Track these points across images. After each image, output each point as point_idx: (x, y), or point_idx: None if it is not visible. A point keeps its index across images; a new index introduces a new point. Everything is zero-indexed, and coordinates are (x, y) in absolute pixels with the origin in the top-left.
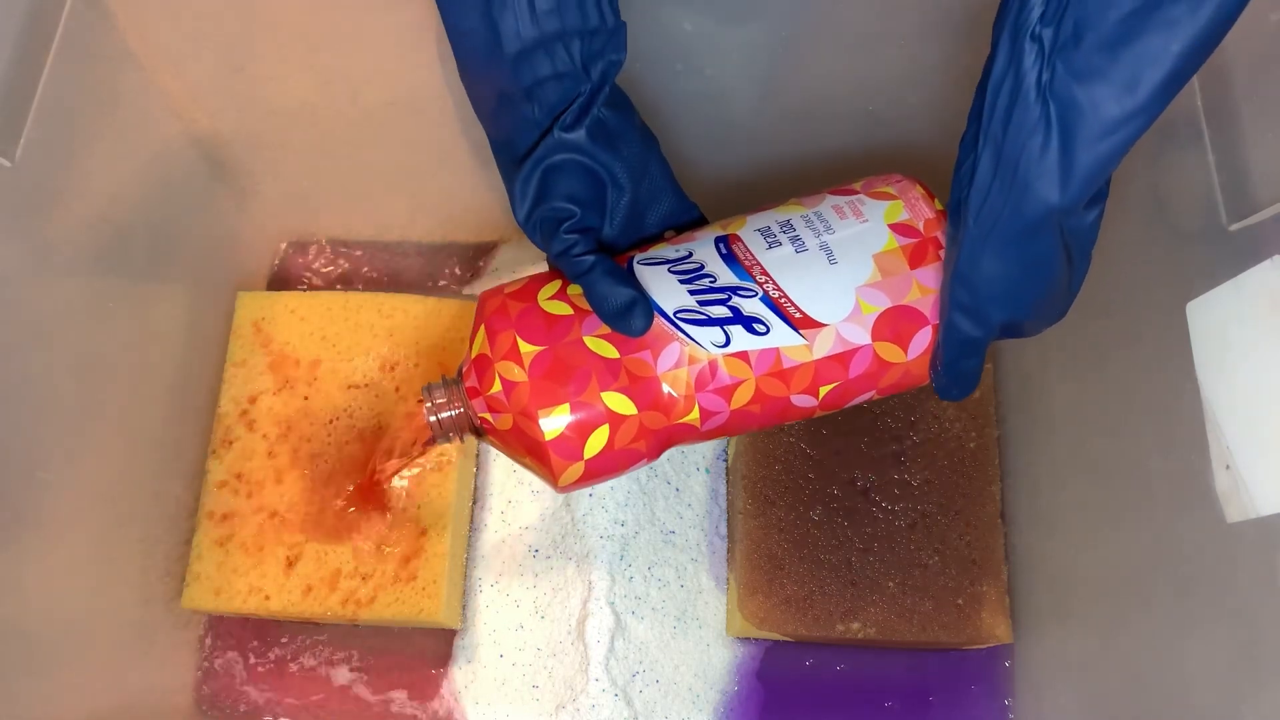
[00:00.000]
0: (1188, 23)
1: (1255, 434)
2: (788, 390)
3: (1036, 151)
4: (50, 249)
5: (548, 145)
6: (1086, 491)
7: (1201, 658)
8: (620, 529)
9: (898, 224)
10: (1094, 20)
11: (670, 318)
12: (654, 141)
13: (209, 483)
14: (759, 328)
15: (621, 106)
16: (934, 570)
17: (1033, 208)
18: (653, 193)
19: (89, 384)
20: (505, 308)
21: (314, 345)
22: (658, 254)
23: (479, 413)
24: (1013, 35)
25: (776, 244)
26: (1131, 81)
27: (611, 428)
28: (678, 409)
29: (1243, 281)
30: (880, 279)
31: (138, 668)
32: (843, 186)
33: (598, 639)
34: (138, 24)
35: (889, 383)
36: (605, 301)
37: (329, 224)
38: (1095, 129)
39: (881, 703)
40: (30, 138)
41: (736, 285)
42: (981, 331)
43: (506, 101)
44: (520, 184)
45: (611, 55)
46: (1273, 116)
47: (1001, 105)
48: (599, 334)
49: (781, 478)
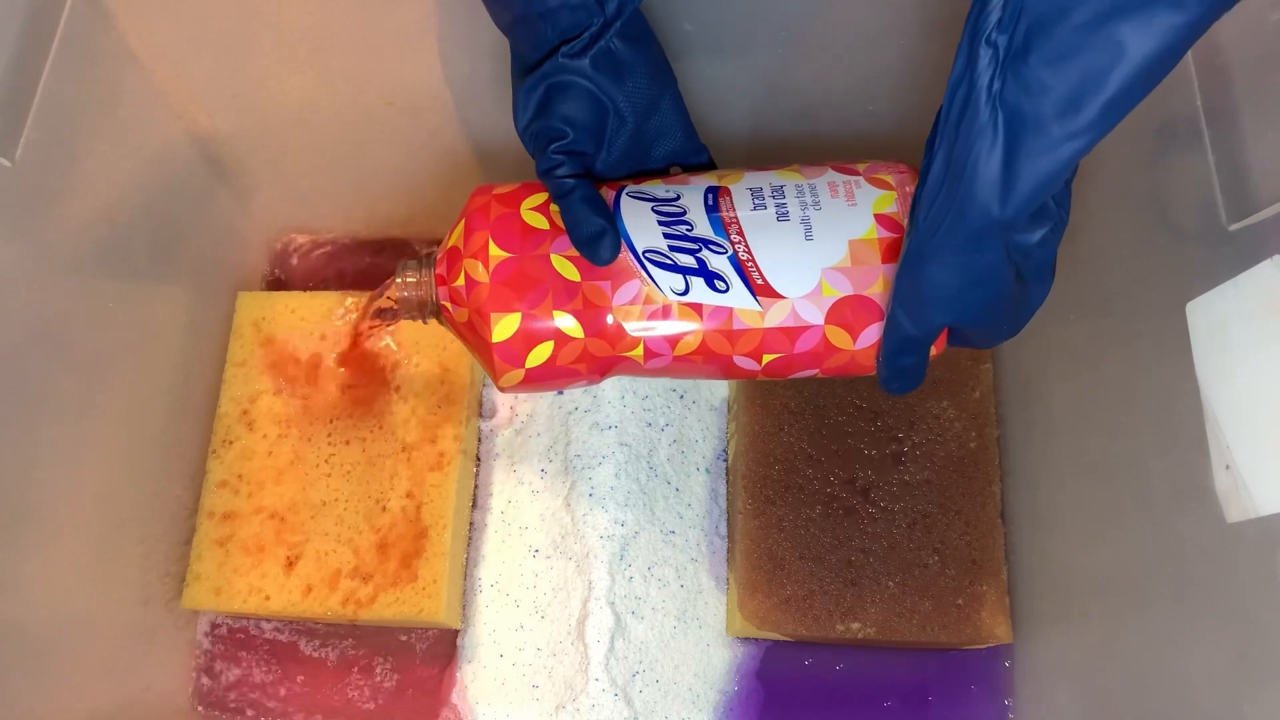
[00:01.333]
0: (1134, 46)
1: (1255, 434)
2: (732, 350)
3: (982, 159)
4: (50, 249)
5: (552, 64)
6: (1086, 491)
7: (1201, 658)
8: (620, 529)
9: (883, 215)
10: (1043, 32)
11: (638, 255)
12: (670, 79)
13: (209, 483)
14: (719, 284)
15: (638, 39)
16: (934, 570)
17: (975, 216)
18: (660, 129)
19: (89, 384)
20: (487, 207)
21: (314, 345)
22: (648, 190)
23: (441, 300)
24: (971, 38)
25: (761, 207)
26: (1074, 100)
27: (556, 345)
28: (624, 342)
29: (1243, 281)
30: (849, 265)
31: (137, 668)
32: (847, 164)
33: (598, 639)
34: (138, 24)
35: (833, 365)
36: (577, 226)
37: (329, 224)
38: (1038, 144)
39: (881, 703)
40: (30, 138)
41: (710, 239)
42: (920, 331)
43: (519, 20)
44: (523, 95)
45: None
46: (1273, 116)
47: (957, 107)
48: (566, 254)
49: (781, 478)
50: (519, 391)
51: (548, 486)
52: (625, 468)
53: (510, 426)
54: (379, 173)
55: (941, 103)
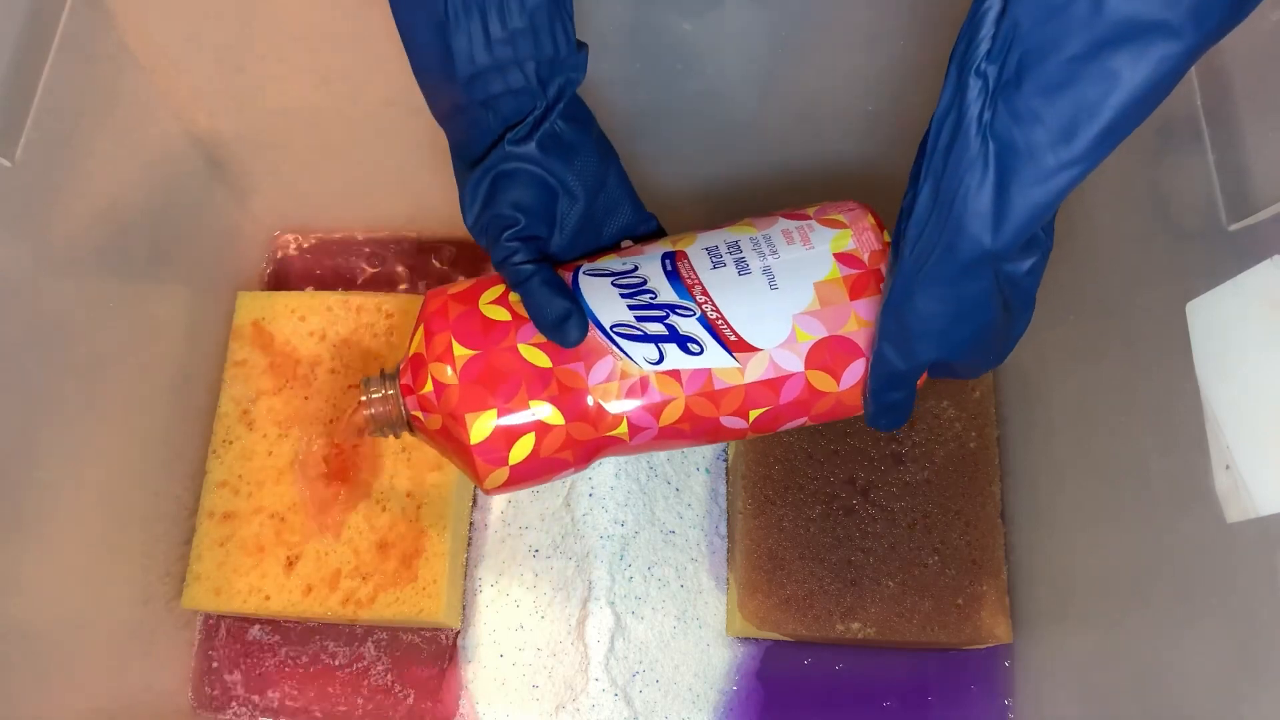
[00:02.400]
0: (1128, 76)
1: (1255, 434)
2: (717, 411)
3: (973, 190)
4: (50, 249)
5: (499, 154)
6: (1086, 491)
7: (1201, 658)
8: (620, 529)
9: (843, 253)
10: (1036, 62)
11: (606, 331)
12: (612, 154)
13: (209, 483)
14: (693, 347)
15: (579, 119)
16: (934, 570)
17: (965, 248)
18: (609, 204)
19: (89, 384)
20: (445, 309)
21: (314, 345)
22: (604, 265)
23: (411, 410)
24: (959, 68)
25: (721, 264)
26: (1068, 130)
27: (538, 436)
28: (606, 422)
29: (1243, 281)
30: (819, 308)
31: (137, 667)
32: (796, 210)
33: (598, 639)
34: (138, 24)
35: (820, 411)
36: (541, 311)
37: (329, 223)
38: (1031, 174)
39: (881, 703)
40: (30, 138)
41: (676, 304)
42: (908, 365)
43: (460, 110)
44: (470, 188)
45: (570, 74)
46: (1273, 116)
47: (944, 139)
48: (534, 342)
49: (781, 478)
50: (506, 492)
51: (548, 486)
52: (625, 468)
53: None
54: (379, 173)
55: (926, 133)
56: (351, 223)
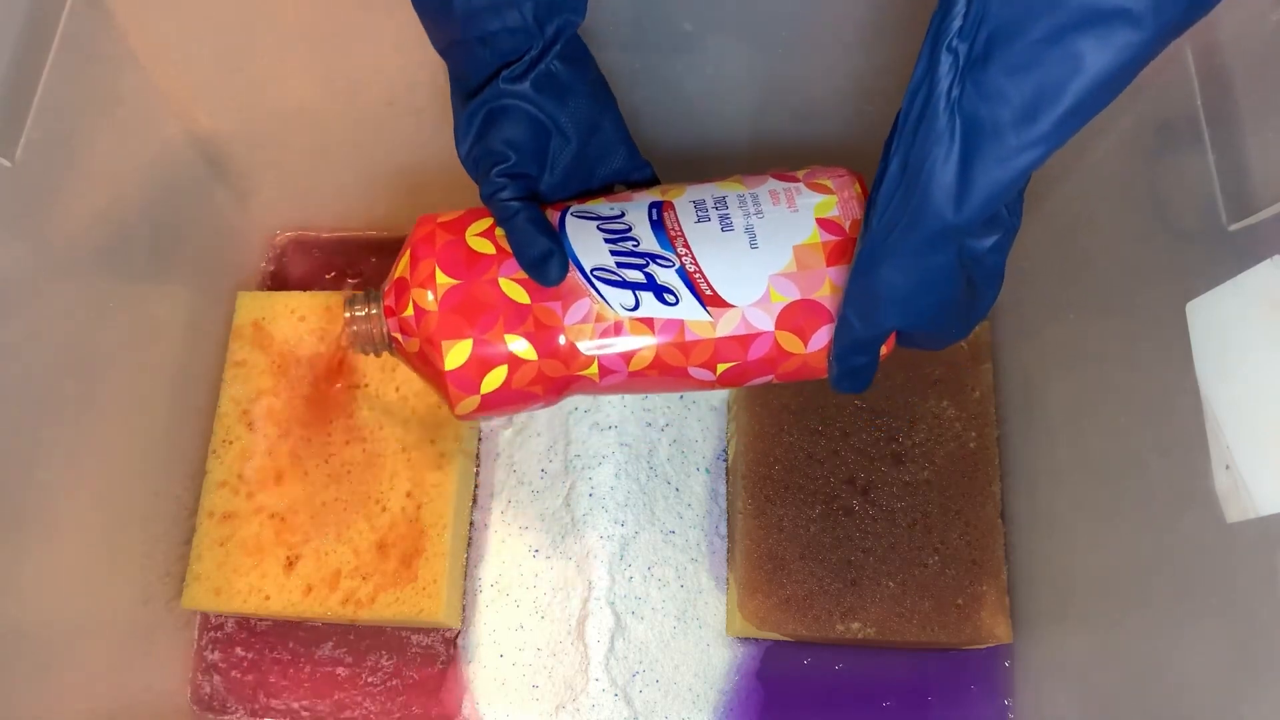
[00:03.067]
0: (1090, 62)
1: (1255, 434)
2: (686, 361)
3: (938, 164)
4: (50, 249)
5: (493, 90)
6: (1086, 491)
7: (1201, 658)
8: (620, 529)
9: (825, 219)
10: (1004, 41)
11: (586, 274)
12: (610, 98)
13: (209, 483)
14: (669, 298)
15: (577, 60)
16: (934, 570)
17: (928, 221)
18: (603, 148)
19: (89, 384)
20: (433, 236)
21: (314, 345)
22: (593, 209)
23: (391, 332)
24: (932, 43)
25: (705, 219)
26: (1031, 111)
27: (510, 369)
28: (578, 361)
29: (1243, 281)
30: (795, 270)
31: (137, 668)
32: (786, 172)
33: (598, 639)
34: (138, 24)
35: (787, 370)
36: (524, 249)
37: (329, 223)
38: (994, 151)
39: (881, 703)
40: (30, 138)
41: (657, 253)
42: (870, 332)
43: (457, 44)
44: (465, 121)
45: (569, 15)
46: (1273, 116)
47: (915, 112)
48: (514, 277)
49: (781, 478)
50: (476, 418)
51: (548, 486)
52: (625, 468)
53: (510, 426)
54: (379, 172)
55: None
56: (351, 222)
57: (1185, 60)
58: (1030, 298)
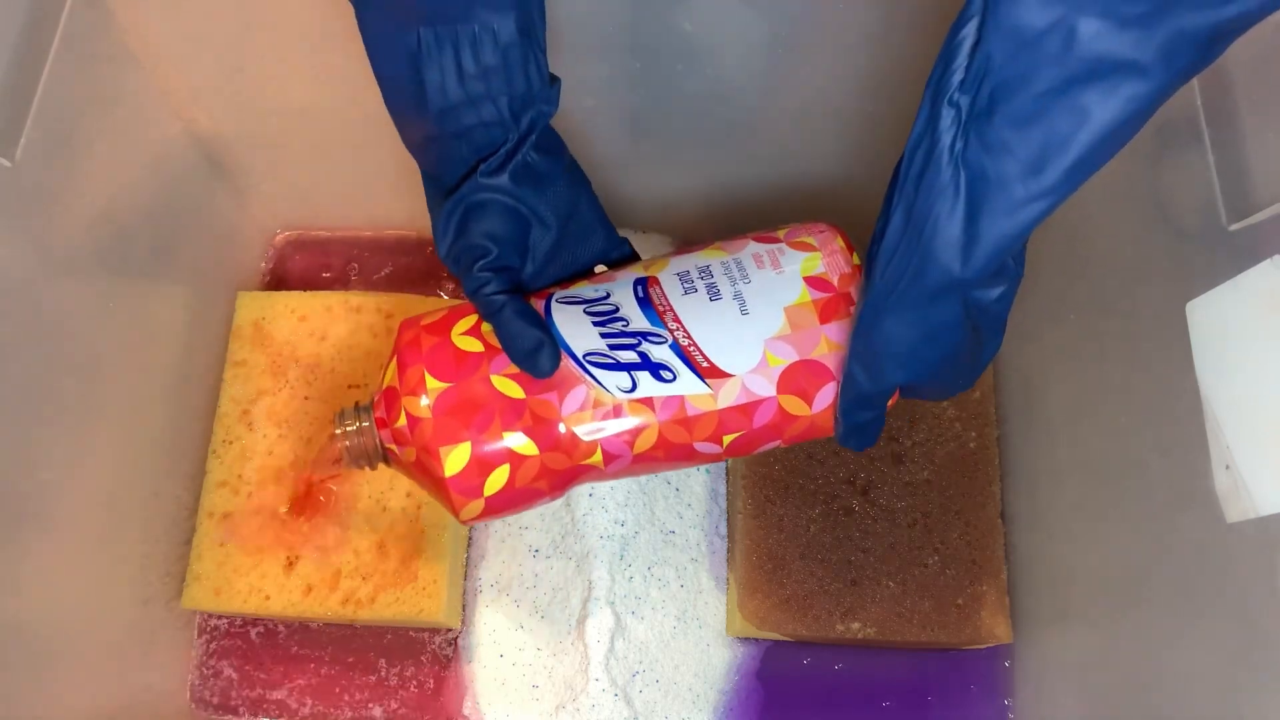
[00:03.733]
0: (1098, 112)
1: (1255, 434)
2: (691, 437)
3: (943, 218)
4: (50, 249)
5: (471, 185)
6: (1086, 491)
7: (1201, 658)
8: (620, 529)
9: (812, 277)
10: (1008, 94)
11: (579, 360)
12: (584, 181)
13: (209, 483)
14: (666, 375)
15: (551, 149)
16: (934, 570)
17: (934, 275)
18: (581, 231)
19: (89, 384)
20: (418, 340)
21: (314, 345)
22: (577, 293)
23: (386, 443)
24: (934, 97)
25: (692, 290)
26: (1038, 163)
27: (512, 467)
28: (580, 450)
29: (1243, 281)
30: (789, 332)
31: (137, 668)
32: (766, 233)
33: (598, 639)
34: (138, 24)
35: (794, 433)
36: (514, 342)
37: (329, 223)
38: (1001, 204)
39: (881, 703)
40: (30, 138)
41: (648, 330)
42: (877, 387)
43: (432, 141)
44: (443, 219)
45: (542, 107)
46: (1273, 116)
47: (917, 166)
48: (506, 373)
49: (781, 478)
50: (481, 521)
51: None
52: None
53: None
54: (379, 172)
55: (900, 159)
56: (351, 223)
57: None
58: (1030, 298)
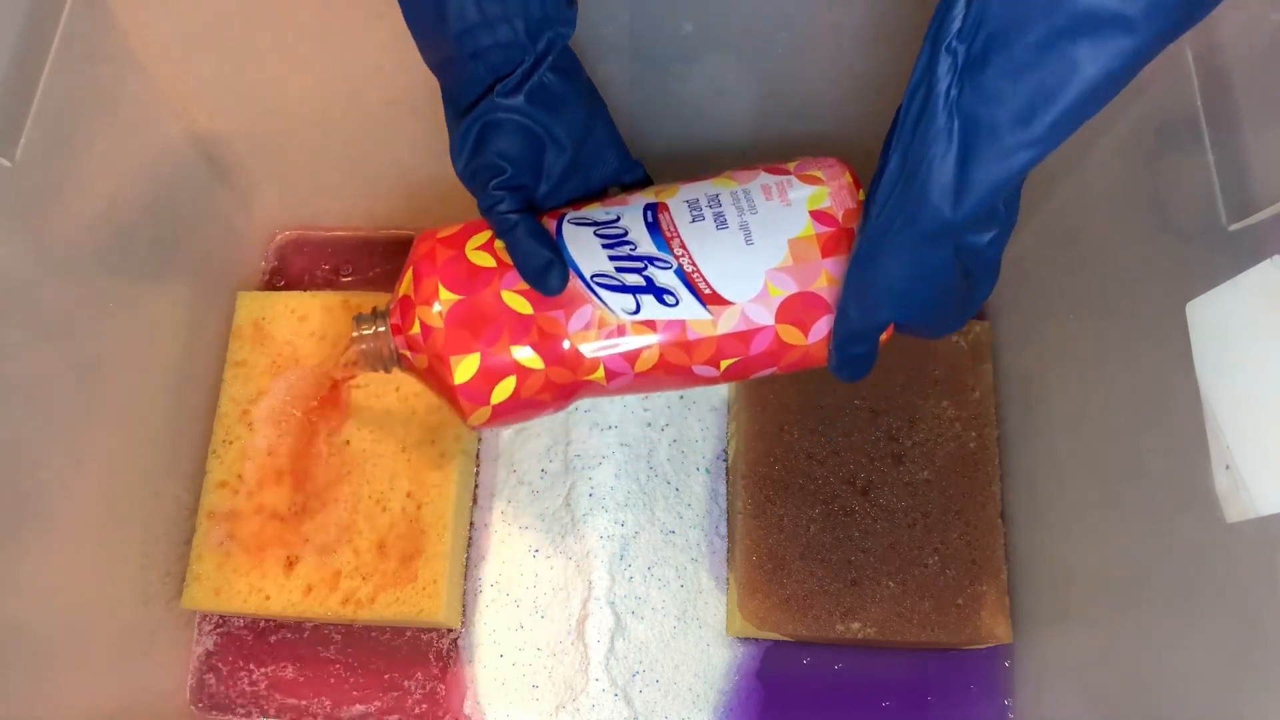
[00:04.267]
0: (1086, 66)
1: (1255, 434)
2: (690, 360)
3: (936, 162)
4: (50, 249)
5: (487, 104)
6: (1086, 491)
7: (1201, 658)
8: (620, 529)
9: (818, 211)
10: (1003, 44)
11: (586, 280)
12: (600, 103)
13: (209, 483)
14: (669, 299)
15: (568, 70)
16: (934, 570)
17: (926, 217)
18: (596, 152)
19: (89, 384)
20: (434, 252)
21: (314, 345)
22: (589, 214)
23: (399, 349)
24: (932, 44)
25: (700, 218)
26: (1027, 112)
27: (519, 379)
28: (584, 367)
29: (1242, 281)
30: (791, 264)
31: (137, 668)
32: (777, 165)
33: (598, 639)
34: (138, 24)
35: (789, 362)
36: (525, 260)
37: (329, 223)
38: (991, 151)
39: (881, 703)
40: (30, 138)
41: (654, 255)
42: (868, 323)
43: (451, 61)
44: (460, 136)
45: (559, 28)
46: (1273, 116)
47: (914, 110)
48: (516, 289)
49: (781, 478)
50: (488, 428)
51: (548, 486)
52: (625, 468)
53: (510, 427)
54: (379, 172)
55: (899, 106)
56: (352, 222)
57: (1185, 60)
58: (1030, 298)
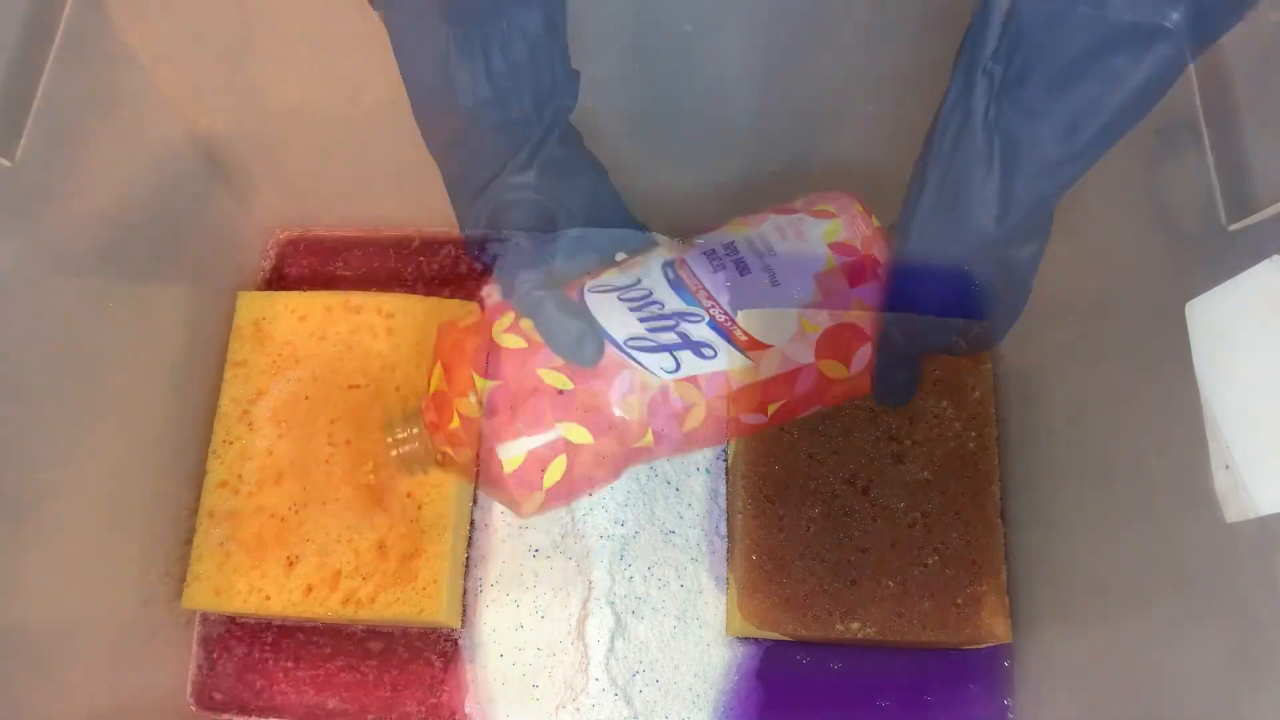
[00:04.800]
0: (1127, 75)
1: (1255, 434)
2: (737, 410)
3: (978, 181)
4: (50, 249)
5: (501, 185)
6: (1086, 491)
7: (1201, 658)
8: (620, 529)
9: (837, 243)
10: (1041, 62)
11: (621, 346)
12: (602, 170)
13: (209, 483)
14: (707, 352)
15: (572, 142)
16: (934, 570)
17: (970, 235)
18: (603, 218)
19: (89, 384)
20: (460, 343)
21: (314, 345)
22: (608, 281)
23: (440, 446)
24: (967, 67)
25: (721, 267)
26: (1071, 126)
27: (569, 457)
28: (632, 434)
29: (1242, 281)
30: (821, 298)
31: (137, 668)
32: (784, 205)
33: (598, 639)
34: (138, 24)
35: (834, 396)
36: (557, 335)
37: (329, 223)
38: (1034, 166)
39: (880, 703)
40: (30, 138)
41: (684, 311)
42: (913, 347)
43: (459, 141)
44: (473, 220)
45: (564, 100)
46: (1273, 116)
47: (951, 133)
48: (552, 366)
49: (781, 477)
50: (543, 512)
51: None
52: None
53: None
54: (379, 172)
55: (931, 128)
56: (351, 223)
57: None
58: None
